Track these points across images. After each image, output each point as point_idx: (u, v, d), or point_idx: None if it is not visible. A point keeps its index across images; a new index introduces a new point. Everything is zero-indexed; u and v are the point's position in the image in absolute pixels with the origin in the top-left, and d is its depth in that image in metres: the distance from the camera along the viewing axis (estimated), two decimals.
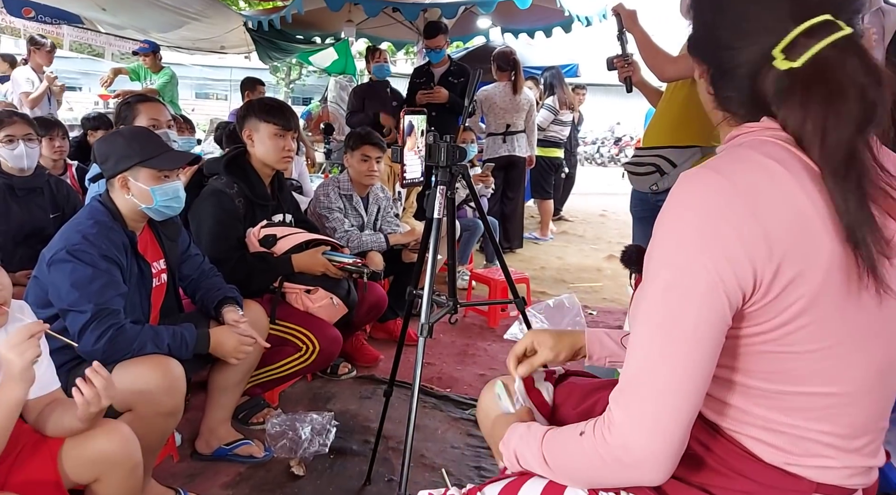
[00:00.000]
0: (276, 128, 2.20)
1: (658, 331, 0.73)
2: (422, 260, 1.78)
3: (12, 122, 2.35)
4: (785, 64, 0.71)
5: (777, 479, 0.79)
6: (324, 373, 2.62)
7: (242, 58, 9.00)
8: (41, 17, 6.52)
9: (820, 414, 0.76)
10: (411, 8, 5.35)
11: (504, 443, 0.92)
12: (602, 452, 0.76)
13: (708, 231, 0.71)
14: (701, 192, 0.73)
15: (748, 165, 0.73)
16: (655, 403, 0.73)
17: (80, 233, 1.58)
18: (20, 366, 1.13)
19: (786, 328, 0.73)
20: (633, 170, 2.40)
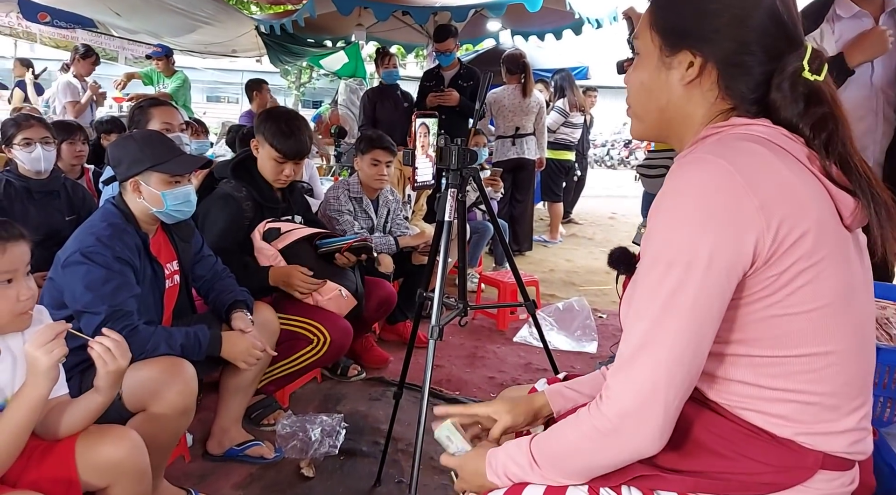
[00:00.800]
0: (277, 155, 2.19)
1: (658, 306, 0.77)
2: (432, 262, 1.79)
3: (30, 126, 2.39)
4: (810, 75, 0.81)
5: (784, 456, 0.80)
6: (333, 374, 2.63)
7: (254, 61, 9.07)
8: (56, 22, 6.60)
9: (820, 374, 0.80)
10: (421, 11, 5.36)
11: (491, 471, 0.92)
12: (598, 424, 0.80)
13: (707, 208, 0.75)
14: (698, 172, 0.78)
15: (739, 149, 0.79)
16: (653, 372, 0.76)
17: (93, 236, 1.60)
18: (47, 364, 1.14)
19: (785, 290, 0.77)
20: (645, 173, 2.41)
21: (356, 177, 2.95)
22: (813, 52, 0.82)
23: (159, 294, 1.77)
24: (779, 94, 0.83)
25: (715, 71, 0.85)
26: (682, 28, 0.86)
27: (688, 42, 0.85)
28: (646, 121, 0.93)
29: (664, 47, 0.87)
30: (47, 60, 10.67)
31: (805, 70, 0.81)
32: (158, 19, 6.20)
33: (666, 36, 0.87)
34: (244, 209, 2.18)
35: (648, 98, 0.91)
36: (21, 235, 1.21)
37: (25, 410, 1.14)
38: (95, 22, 6.92)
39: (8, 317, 1.19)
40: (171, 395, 1.53)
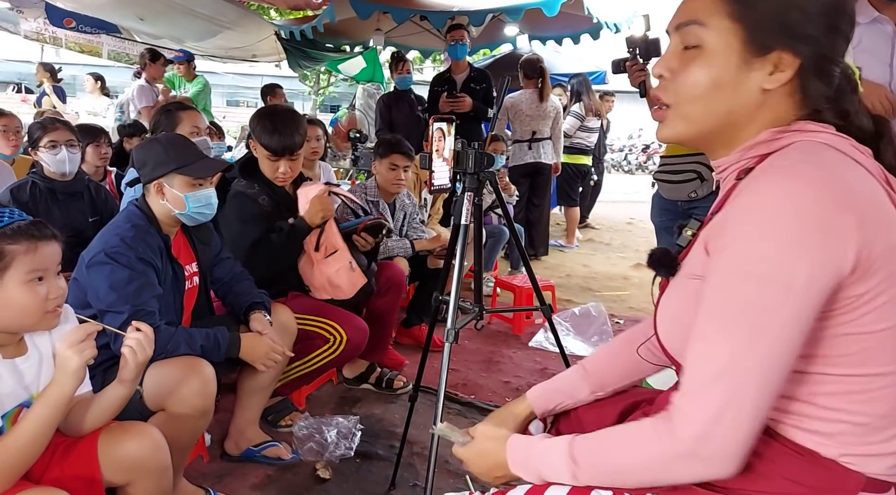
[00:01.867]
0: (267, 153, 2.18)
1: (748, 326, 0.72)
2: (448, 265, 1.79)
3: (55, 129, 2.45)
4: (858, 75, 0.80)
5: (826, 478, 0.78)
6: (379, 388, 2.57)
7: (273, 66, 9.17)
8: (81, 27, 6.76)
9: (876, 395, 0.77)
10: (439, 16, 5.39)
11: (514, 465, 0.91)
12: (671, 447, 0.76)
13: (807, 221, 0.70)
14: (794, 182, 0.72)
15: (829, 159, 0.75)
16: (739, 398, 0.72)
17: (118, 236, 1.63)
18: (77, 364, 1.16)
19: (864, 308, 0.74)
20: (669, 179, 2.37)
21: (373, 181, 2.97)
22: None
23: (179, 295, 1.79)
24: (851, 103, 0.81)
25: (798, 74, 0.78)
26: (779, 23, 0.77)
27: (783, 40, 0.77)
28: (700, 124, 0.83)
29: (750, 44, 0.78)
30: (73, 65, 10.90)
31: (856, 73, 0.80)
32: (181, 24, 6.30)
33: (756, 31, 0.77)
34: (261, 204, 2.19)
35: (716, 100, 0.80)
36: (53, 235, 1.22)
37: (51, 408, 1.16)
38: (119, 28, 7.06)
39: (37, 315, 1.20)
40: (190, 395, 1.56)
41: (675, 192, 2.38)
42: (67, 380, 1.17)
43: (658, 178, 2.47)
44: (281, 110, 2.30)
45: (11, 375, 1.20)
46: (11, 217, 1.18)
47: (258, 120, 2.22)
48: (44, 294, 1.19)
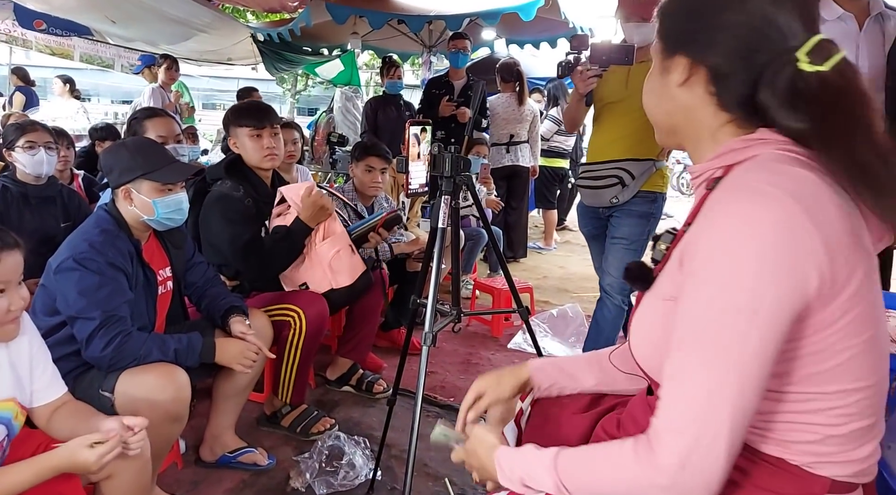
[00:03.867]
0: (248, 129, 2.21)
1: (724, 352, 0.72)
2: (426, 269, 1.80)
3: (34, 130, 2.41)
4: (811, 67, 0.73)
5: (792, 484, 0.79)
6: (359, 390, 2.56)
7: (249, 69, 9.09)
8: (52, 30, 6.63)
9: (850, 409, 0.77)
10: (416, 20, 5.41)
11: (501, 474, 0.91)
12: (650, 475, 0.75)
13: (778, 250, 0.70)
14: (761, 208, 0.72)
15: (792, 177, 0.74)
16: (717, 426, 0.71)
17: (86, 242, 1.60)
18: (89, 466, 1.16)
19: (834, 327, 0.74)
20: (591, 185, 2.35)
21: (351, 184, 2.97)
22: (819, 41, 0.74)
23: (152, 300, 1.77)
24: (767, 93, 0.76)
25: (705, 73, 0.81)
26: (677, 32, 0.85)
27: (680, 47, 0.84)
28: (660, 127, 0.92)
29: (664, 51, 0.86)
30: (43, 67, 10.68)
31: (802, 61, 0.73)
32: (154, 27, 6.22)
33: (665, 40, 0.87)
34: (246, 205, 2.18)
35: (655, 103, 0.90)
36: (15, 244, 1.19)
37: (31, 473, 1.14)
38: (91, 30, 6.94)
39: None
40: (163, 401, 1.53)
41: (596, 198, 2.36)
42: (69, 463, 1.16)
43: (580, 185, 2.45)
44: (248, 94, 2.40)
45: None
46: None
47: (231, 111, 2.31)
48: (4, 306, 1.17)
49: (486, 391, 1.13)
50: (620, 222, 2.35)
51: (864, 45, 2.01)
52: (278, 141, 2.28)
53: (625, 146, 2.28)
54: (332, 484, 1.91)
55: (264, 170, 2.28)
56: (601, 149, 2.37)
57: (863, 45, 2.01)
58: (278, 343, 2.14)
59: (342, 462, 1.98)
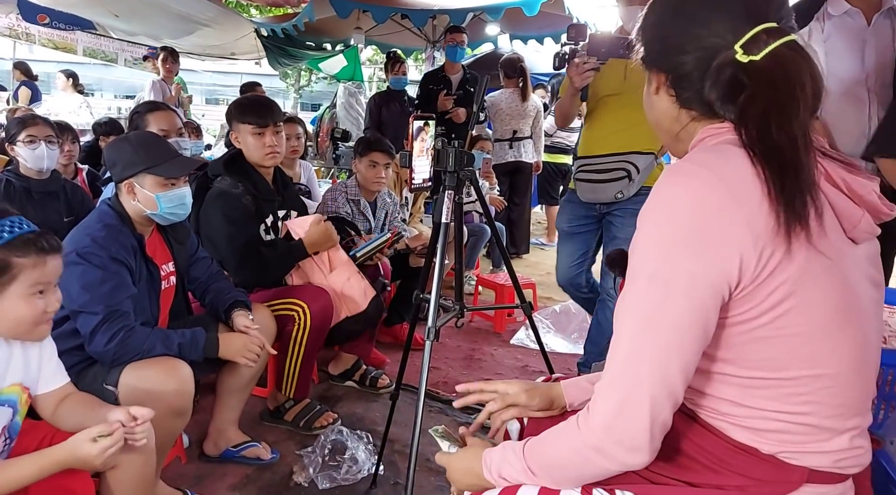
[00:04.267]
0: (251, 127, 2.19)
1: (643, 322, 0.76)
2: (429, 264, 1.79)
3: (35, 123, 2.41)
4: (745, 57, 0.77)
5: (769, 472, 0.80)
6: (362, 386, 2.55)
7: (253, 64, 9.09)
8: (55, 24, 6.63)
9: (812, 397, 0.78)
10: (419, 14, 5.39)
11: (487, 470, 0.93)
12: (587, 440, 0.79)
13: (691, 223, 0.74)
14: (683, 183, 0.77)
15: (726, 158, 0.77)
16: (635, 388, 0.76)
17: (89, 236, 1.60)
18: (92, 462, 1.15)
19: (773, 312, 0.76)
20: (593, 178, 2.24)
21: (354, 180, 2.96)
22: (757, 32, 0.77)
23: (155, 295, 1.77)
24: (708, 87, 0.81)
25: (664, 79, 0.88)
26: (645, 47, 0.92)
27: (648, 59, 0.91)
28: (661, 136, 0.96)
29: (643, 66, 0.93)
30: (46, 62, 10.69)
31: (739, 53, 0.77)
32: (157, 21, 6.23)
33: (642, 57, 0.93)
34: (245, 203, 2.18)
35: (648, 113, 0.96)
36: (59, 247, 1.22)
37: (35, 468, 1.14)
38: (95, 24, 6.94)
39: (31, 327, 1.19)
40: (167, 396, 1.54)
41: (598, 194, 2.25)
42: (71, 460, 1.15)
43: (579, 179, 2.31)
44: (252, 89, 2.38)
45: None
46: (21, 228, 1.17)
47: (234, 106, 2.28)
48: (42, 307, 1.19)
49: (518, 402, 1.12)
50: (623, 222, 2.27)
51: (872, 40, 1.98)
52: (280, 139, 2.26)
53: (627, 138, 2.19)
54: (334, 478, 1.91)
55: (265, 167, 2.28)
56: (600, 142, 2.27)
57: (870, 40, 1.99)
58: (282, 337, 2.14)
59: (345, 456, 1.98)
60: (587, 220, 2.40)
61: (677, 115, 0.88)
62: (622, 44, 2.01)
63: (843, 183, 0.78)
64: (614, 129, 2.24)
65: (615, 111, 2.24)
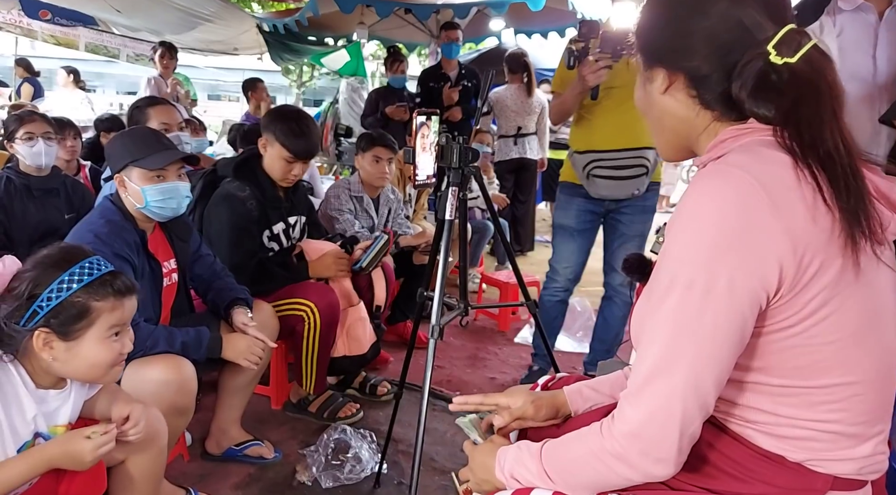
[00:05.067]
0: (288, 154, 2.15)
1: (674, 329, 0.74)
2: (433, 262, 1.77)
3: (32, 120, 2.39)
4: (779, 59, 0.74)
5: (794, 479, 0.79)
6: (363, 393, 2.52)
7: (255, 59, 9.05)
8: (57, 19, 6.62)
9: (842, 405, 0.77)
10: (423, 9, 5.36)
11: (499, 469, 0.91)
12: (610, 447, 0.77)
13: (729, 227, 0.71)
14: (720, 186, 0.74)
15: (765, 159, 0.75)
16: (668, 398, 0.73)
17: (92, 233, 1.59)
18: (87, 462, 1.12)
19: (809, 320, 0.74)
20: (613, 175, 2.19)
21: (357, 176, 2.94)
22: (787, 34, 0.75)
23: (157, 292, 1.75)
24: (737, 87, 0.78)
25: (683, 78, 0.84)
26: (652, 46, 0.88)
27: (657, 58, 0.87)
28: (660, 138, 0.92)
29: (643, 64, 0.90)
30: (48, 58, 10.68)
31: (772, 54, 0.75)
32: (159, 17, 6.20)
33: (643, 55, 0.90)
34: (249, 209, 2.16)
35: (646, 110, 0.92)
36: (134, 289, 1.20)
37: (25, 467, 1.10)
38: (97, 20, 6.93)
39: (105, 369, 1.17)
40: (169, 394, 1.53)
41: (615, 190, 2.19)
42: (62, 456, 1.12)
43: (597, 175, 2.23)
44: (302, 113, 2.29)
45: (38, 405, 1.16)
46: (99, 269, 1.15)
47: (279, 121, 2.17)
48: (118, 349, 1.18)
49: (525, 415, 1.09)
50: (632, 219, 2.25)
51: (884, 36, 1.95)
52: (306, 167, 2.26)
53: (639, 132, 2.16)
54: (338, 477, 1.90)
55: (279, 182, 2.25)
56: (613, 136, 2.22)
57: (882, 36, 1.96)
58: (294, 337, 2.16)
59: (348, 455, 1.97)
60: (593, 216, 2.37)
61: (696, 114, 0.84)
62: None
63: (872, 185, 0.76)
64: (625, 123, 2.19)
65: (622, 103, 2.19)
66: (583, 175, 2.28)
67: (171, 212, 1.72)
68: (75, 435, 1.14)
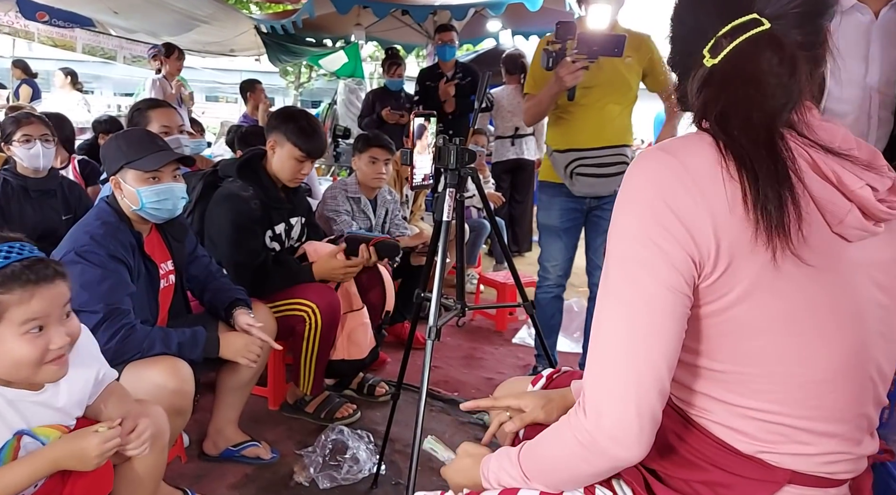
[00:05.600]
0: (300, 154, 2.16)
1: (617, 303, 0.76)
2: (430, 263, 1.78)
3: (30, 122, 2.39)
4: (709, 62, 0.78)
5: (752, 470, 0.79)
6: (360, 394, 2.51)
7: (253, 60, 9.07)
8: (55, 21, 6.61)
9: (790, 397, 0.77)
10: (420, 10, 5.36)
11: (484, 479, 0.92)
12: (577, 435, 0.77)
13: (658, 204, 0.74)
14: (653, 169, 0.77)
15: (694, 149, 0.77)
16: (622, 372, 0.74)
17: (87, 234, 1.59)
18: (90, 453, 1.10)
19: (738, 308, 0.74)
20: (597, 172, 2.22)
21: (354, 177, 2.94)
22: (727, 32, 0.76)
23: (154, 294, 1.75)
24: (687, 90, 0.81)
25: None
26: None
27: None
28: None
29: None
30: (45, 59, 10.67)
31: (706, 58, 0.78)
32: (156, 18, 6.20)
33: None
34: (252, 208, 2.15)
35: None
36: (56, 274, 1.08)
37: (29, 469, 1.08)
38: (94, 21, 6.92)
39: (32, 368, 1.07)
40: (167, 395, 1.52)
41: (598, 188, 2.22)
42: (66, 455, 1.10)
43: (581, 173, 2.24)
44: (308, 113, 2.31)
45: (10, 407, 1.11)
46: (7, 258, 1.03)
47: (289, 121, 2.17)
48: (43, 345, 1.06)
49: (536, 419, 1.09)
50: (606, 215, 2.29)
51: (878, 35, 1.93)
52: (312, 166, 2.28)
53: (617, 130, 2.22)
54: (335, 478, 1.90)
55: (283, 181, 2.26)
56: (593, 135, 2.24)
57: (876, 35, 1.92)
58: (294, 337, 2.15)
59: (346, 456, 1.97)
60: (576, 214, 2.39)
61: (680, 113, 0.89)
62: (613, 41, 1.98)
63: (833, 175, 0.74)
64: (604, 121, 2.24)
65: (600, 101, 2.24)
66: (565, 174, 2.30)
67: (167, 213, 1.72)
68: (82, 432, 1.12)
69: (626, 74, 2.28)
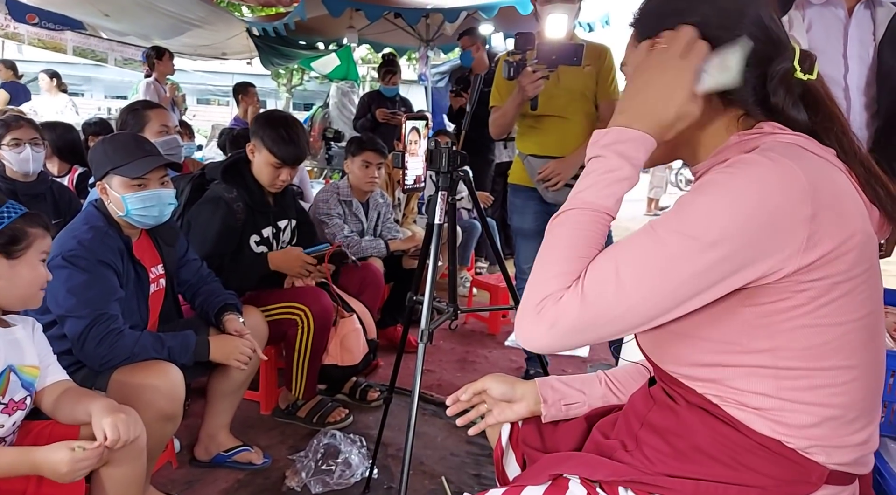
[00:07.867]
0: (275, 160, 2.14)
1: (653, 261, 0.74)
2: (422, 266, 1.78)
3: (19, 126, 2.37)
4: (804, 75, 0.83)
5: (788, 470, 0.79)
6: (353, 399, 2.50)
7: (244, 63, 9.03)
8: (44, 23, 6.55)
9: (843, 388, 0.79)
10: (412, 13, 5.37)
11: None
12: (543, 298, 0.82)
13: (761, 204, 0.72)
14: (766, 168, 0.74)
15: (798, 154, 0.77)
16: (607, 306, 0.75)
17: (75, 239, 1.58)
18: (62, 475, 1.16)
19: (820, 300, 0.75)
20: (569, 181, 2.26)
21: (346, 181, 2.93)
22: (802, 53, 0.83)
23: (144, 298, 1.74)
24: (778, 97, 0.83)
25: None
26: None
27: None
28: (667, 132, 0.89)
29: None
30: (35, 62, 10.60)
31: (797, 71, 0.82)
32: (147, 21, 6.17)
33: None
34: (235, 211, 2.15)
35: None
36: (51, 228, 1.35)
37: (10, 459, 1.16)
38: (84, 24, 6.88)
39: (38, 290, 1.31)
40: (156, 400, 1.51)
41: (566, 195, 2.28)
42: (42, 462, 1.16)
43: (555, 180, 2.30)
44: (290, 119, 2.27)
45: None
46: (22, 209, 1.29)
47: (267, 127, 2.15)
48: (44, 274, 1.32)
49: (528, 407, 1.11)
50: None
51: (854, 33, 1.89)
52: (294, 171, 2.25)
53: (580, 139, 2.25)
54: (327, 482, 1.89)
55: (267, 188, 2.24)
56: (560, 143, 2.30)
57: (852, 33, 1.89)
58: (286, 341, 2.15)
59: (338, 460, 1.96)
60: (548, 218, 2.40)
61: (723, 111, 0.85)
62: (572, 51, 2.01)
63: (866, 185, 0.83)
64: (570, 129, 2.29)
65: (565, 109, 2.28)
66: (537, 182, 2.34)
67: (154, 219, 1.70)
68: (60, 445, 1.17)
69: (588, 83, 2.31)
